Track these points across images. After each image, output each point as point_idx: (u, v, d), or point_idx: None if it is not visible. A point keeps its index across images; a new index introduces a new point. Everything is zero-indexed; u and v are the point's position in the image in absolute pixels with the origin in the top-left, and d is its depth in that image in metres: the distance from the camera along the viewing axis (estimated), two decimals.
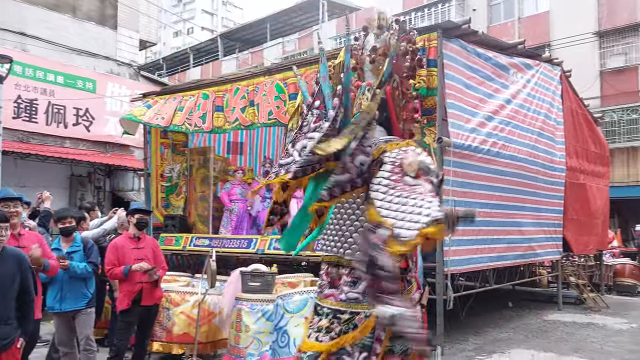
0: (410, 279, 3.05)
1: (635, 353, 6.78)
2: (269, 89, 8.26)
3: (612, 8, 20.97)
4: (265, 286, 5.99)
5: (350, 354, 2.83)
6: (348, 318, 2.88)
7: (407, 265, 3.01)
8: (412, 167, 2.77)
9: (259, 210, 9.90)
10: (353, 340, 2.83)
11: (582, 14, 21.23)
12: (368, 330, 2.82)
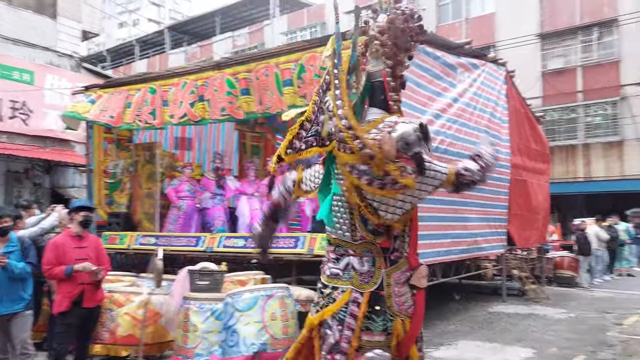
0: (395, 258, 3.12)
1: (572, 341, 7.09)
2: (220, 84, 8.09)
3: (553, 11, 21.86)
4: (214, 285, 5.86)
5: (330, 326, 3.01)
6: (329, 292, 3.09)
7: (390, 245, 3.10)
8: (392, 152, 2.83)
9: (208, 207, 9.71)
10: (331, 313, 3.02)
11: (526, 16, 22.03)
12: (341, 305, 2.99)
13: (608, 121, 20.86)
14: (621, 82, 20.49)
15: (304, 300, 5.94)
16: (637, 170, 20.08)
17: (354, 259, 3.08)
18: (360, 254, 3.07)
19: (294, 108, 7.80)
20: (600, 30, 21.04)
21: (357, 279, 3.05)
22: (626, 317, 8.73)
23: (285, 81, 7.62)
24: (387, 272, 3.07)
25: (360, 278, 3.04)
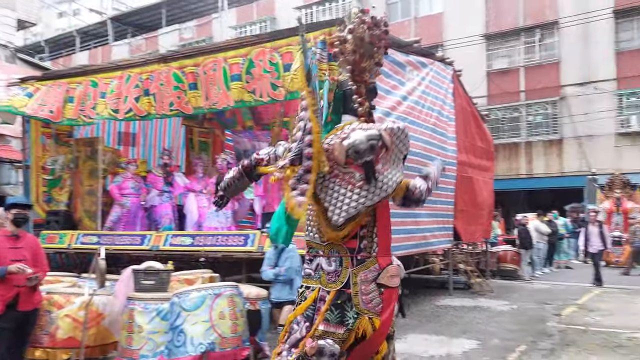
0: (362, 258, 3.21)
1: (514, 332, 7.34)
2: (166, 78, 7.87)
3: (498, 12, 22.56)
4: (160, 284, 5.69)
5: (298, 322, 3.19)
6: (302, 292, 3.28)
7: (356, 245, 3.21)
8: (341, 156, 3.00)
9: (155, 204, 9.46)
10: (302, 310, 3.19)
11: (472, 16, 22.65)
12: (309, 303, 3.17)
13: (548, 120, 21.76)
14: (561, 83, 21.41)
15: (253, 299, 5.86)
16: (575, 168, 21.06)
17: (322, 260, 3.22)
18: (328, 254, 3.21)
19: (242, 104, 7.70)
20: (542, 32, 21.90)
21: (325, 278, 3.19)
22: (564, 308, 9.12)
23: (234, 76, 7.49)
24: (353, 272, 3.17)
25: (328, 277, 3.18)
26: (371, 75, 3.35)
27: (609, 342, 6.68)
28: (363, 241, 3.23)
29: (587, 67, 20.78)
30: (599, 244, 12.42)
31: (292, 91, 7.20)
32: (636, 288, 11.60)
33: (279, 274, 5.90)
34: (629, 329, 7.41)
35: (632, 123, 20.17)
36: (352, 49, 3.25)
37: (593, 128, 20.54)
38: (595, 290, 11.27)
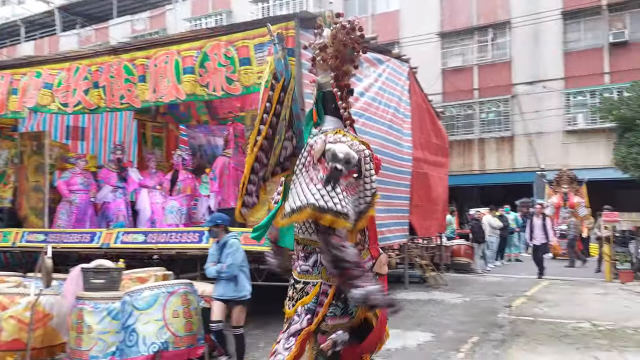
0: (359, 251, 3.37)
1: (467, 324, 7.52)
2: (117, 70, 7.63)
3: (452, 11, 23.01)
4: (111, 283, 5.53)
5: (299, 315, 3.29)
6: (301, 287, 3.34)
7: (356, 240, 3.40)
8: (317, 153, 3.14)
9: (109, 200, 9.17)
10: (302, 304, 3.29)
11: (428, 15, 23.02)
12: (312, 297, 3.28)
13: (500, 117, 22.39)
14: (512, 81, 22.06)
15: (208, 296, 5.78)
16: (525, 164, 21.77)
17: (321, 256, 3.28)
18: None
19: (195, 98, 7.56)
20: (494, 32, 22.48)
21: (326, 273, 3.28)
22: (514, 300, 9.42)
23: (186, 69, 7.34)
24: None
25: (328, 272, 3.26)
26: (348, 78, 3.45)
27: (556, 332, 6.94)
28: (358, 235, 3.39)
29: (537, 67, 21.49)
30: (542, 237, 12.64)
31: (248, 86, 7.11)
32: (580, 279, 12.10)
33: (221, 271, 5.57)
34: (574, 319, 7.72)
35: (579, 121, 21.00)
36: (334, 54, 3.34)
37: (542, 126, 21.28)
38: (543, 282, 11.69)
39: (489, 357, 5.80)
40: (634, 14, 20.14)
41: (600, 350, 6.02)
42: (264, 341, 6.57)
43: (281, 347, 3.32)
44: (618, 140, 14.73)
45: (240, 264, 5.68)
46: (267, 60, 6.93)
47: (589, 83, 20.57)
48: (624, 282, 11.32)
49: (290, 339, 3.29)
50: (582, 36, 21.11)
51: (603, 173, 18.72)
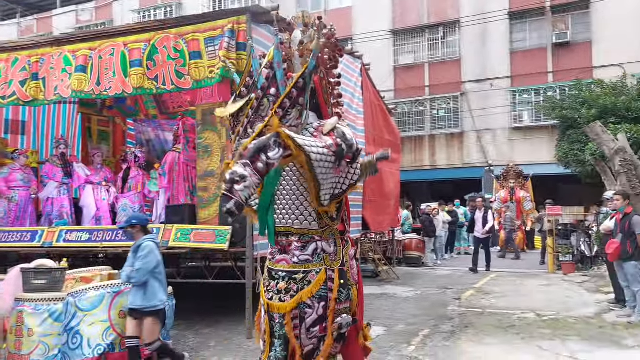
0: (347, 239, 3.78)
1: (418, 317, 7.65)
2: (57, 61, 7.30)
3: (404, 9, 23.33)
4: (53, 283, 5.32)
5: (310, 306, 3.46)
6: (302, 277, 3.50)
7: (344, 227, 3.77)
8: (328, 127, 3.45)
9: (53, 197, 8.77)
10: (310, 294, 3.46)
11: (380, 12, 23.24)
12: (321, 284, 3.49)
13: (450, 114, 22.89)
14: (462, 79, 22.59)
15: None
16: (474, 159, 22.36)
17: (321, 243, 3.58)
18: (326, 238, 3.62)
19: (142, 91, 7.34)
20: (444, 30, 22.93)
21: (328, 259, 3.59)
22: (463, 292, 9.66)
23: (133, 62, 7.12)
24: (345, 251, 3.70)
25: (330, 258, 3.60)
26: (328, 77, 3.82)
27: (503, 322, 7.16)
28: (345, 224, 3.80)
29: (485, 65, 22.10)
30: (484, 230, 12.65)
31: (199, 80, 6.96)
32: (525, 271, 12.55)
33: (130, 276, 4.96)
34: (519, 309, 7.99)
35: (524, 118, 21.73)
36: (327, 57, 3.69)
37: (490, 122, 21.91)
38: (491, 274, 12.05)
39: (439, 349, 5.92)
40: (575, 16, 21.01)
41: (543, 339, 6.25)
42: (214, 340, 6.47)
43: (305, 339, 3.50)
44: (560, 137, 15.34)
45: (151, 269, 5.03)
46: (219, 55, 6.82)
47: (534, 82, 21.32)
48: (566, 273, 11.81)
49: (311, 330, 3.49)
50: (528, 36, 21.84)
51: (547, 168, 19.48)
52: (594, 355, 5.53)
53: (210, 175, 7.78)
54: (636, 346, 5.91)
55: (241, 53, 6.91)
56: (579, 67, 20.03)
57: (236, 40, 6.92)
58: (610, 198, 8.08)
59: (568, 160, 14.60)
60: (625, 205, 7.35)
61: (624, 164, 9.10)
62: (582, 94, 14.75)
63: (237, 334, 6.69)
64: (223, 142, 7.79)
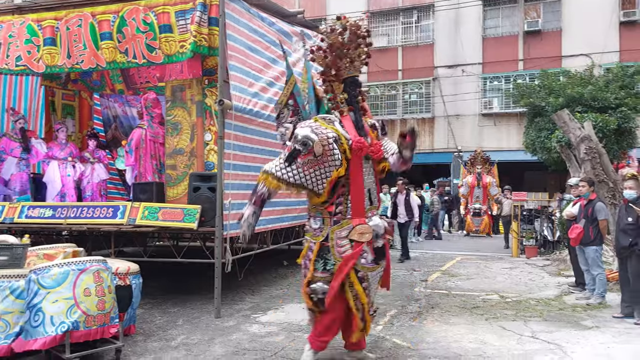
0: (337, 219, 4.49)
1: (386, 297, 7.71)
2: (19, 30, 7.00)
3: None
4: (13, 260, 5.15)
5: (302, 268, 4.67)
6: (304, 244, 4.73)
7: (332, 210, 4.50)
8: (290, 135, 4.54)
9: (13, 172, 8.49)
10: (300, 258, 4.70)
11: None
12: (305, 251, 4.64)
13: (422, 99, 23.03)
14: (434, 64, 22.70)
15: (123, 274, 5.52)
16: (444, 144, 22.61)
17: (311, 220, 4.64)
18: (314, 215, 4.62)
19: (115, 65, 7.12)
20: (418, 14, 22.94)
21: (312, 233, 4.58)
22: (430, 274, 9.83)
23: (104, 34, 6.88)
24: (331, 230, 4.48)
25: (314, 232, 4.57)
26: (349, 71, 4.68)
27: (467, 303, 7.31)
28: (339, 207, 4.49)
29: (457, 51, 22.24)
30: (406, 214, 11.88)
31: (171, 54, 6.80)
32: (490, 255, 12.84)
33: None
34: (484, 291, 8.18)
35: (494, 105, 22.05)
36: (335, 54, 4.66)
37: (460, 108, 22.15)
38: (457, 257, 12.28)
39: (406, 329, 6.01)
40: (547, 4, 21.29)
41: (506, 320, 6.42)
42: (182, 319, 6.42)
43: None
44: (528, 124, 15.61)
45: None
46: (190, 29, 6.65)
47: (504, 69, 21.59)
48: (529, 257, 12.13)
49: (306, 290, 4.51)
50: (500, 23, 22.05)
51: (514, 155, 19.86)
52: (554, 336, 5.71)
53: (179, 153, 7.65)
54: (594, 327, 6.12)
55: (213, 28, 6.77)
56: (549, 55, 20.37)
57: (208, 14, 6.76)
58: (574, 184, 8.29)
59: (535, 147, 14.89)
60: (590, 192, 7.55)
61: (588, 151, 9.34)
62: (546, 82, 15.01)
63: (206, 312, 6.65)
64: (193, 120, 7.66)
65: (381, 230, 4.63)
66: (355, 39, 4.64)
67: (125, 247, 8.37)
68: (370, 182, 4.66)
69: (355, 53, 4.64)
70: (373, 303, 4.81)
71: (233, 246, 6.87)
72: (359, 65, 4.70)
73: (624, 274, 6.53)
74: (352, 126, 4.58)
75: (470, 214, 17.58)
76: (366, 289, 4.55)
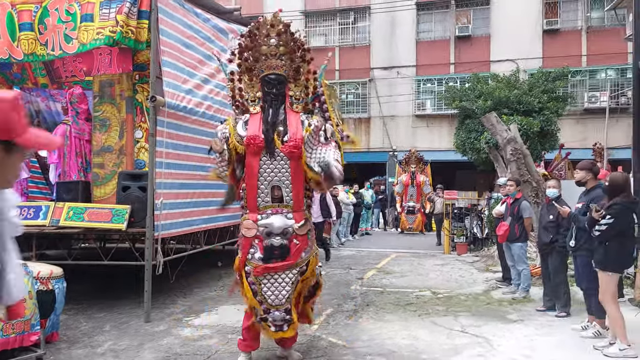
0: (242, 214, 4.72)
1: (322, 296, 7.66)
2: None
3: None
4: None
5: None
6: None
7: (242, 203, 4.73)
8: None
9: None
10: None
11: None
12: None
13: (359, 99, 23.35)
14: (371, 65, 23.06)
15: (45, 278, 5.20)
16: (380, 144, 23.03)
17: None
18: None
19: (35, 58, 6.71)
20: (355, 15, 23.23)
21: None
22: (366, 272, 9.96)
23: (24, 25, 6.49)
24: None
25: None
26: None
27: (401, 300, 7.47)
28: (242, 201, 4.72)
29: (392, 53, 22.72)
30: (320, 214, 11.40)
31: (85, 43, 6.47)
32: (423, 252, 13.20)
33: None
34: (417, 288, 8.38)
35: (427, 107, 22.70)
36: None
37: (395, 109, 22.65)
38: (392, 254, 12.53)
39: (341, 328, 6.05)
40: (477, 11, 22.17)
41: (438, 315, 6.60)
42: (109, 324, 6.14)
43: None
44: (459, 126, 16.17)
45: None
46: (116, 18, 6.34)
47: (437, 72, 22.29)
48: (459, 254, 12.57)
49: None
50: (433, 27, 22.73)
51: (445, 155, 20.52)
52: (482, 329, 5.93)
53: (107, 151, 7.33)
54: (518, 320, 6.41)
55: (142, 22, 6.52)
56: (478, 60, 21.22)
57: (138, 7, 6.51)
58: (503, 184, 8.66)
59: (465, 148, 15.44)
60: (517, 191, 7.91)
61: (514, 152, 9.79)
62: (477, 86, 15.63)
63: (135, 317, 6.40)
64: (122, 116, 7.36)
65: (275, 229, 4.47)
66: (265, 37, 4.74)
67: (48, 249, 7.93)
68: (278, 179, 4.54)
69: (267, 51, 4.68)
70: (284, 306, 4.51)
71: (164, 247, 6.65)
72: (276, 63, 4.67)
73: (545, 270, 6.88)
74: (258, 123, 4.55)
75: (405, 212, 18.01)
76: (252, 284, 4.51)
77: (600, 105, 20.28)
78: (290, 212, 4.57)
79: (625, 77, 20.08)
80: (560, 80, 15.52)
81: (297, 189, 4.59)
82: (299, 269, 4.56)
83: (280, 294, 4.49)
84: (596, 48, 20.62)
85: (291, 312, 4.52)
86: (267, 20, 4.81)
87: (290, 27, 4.84)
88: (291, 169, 4.53)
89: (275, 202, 4.55)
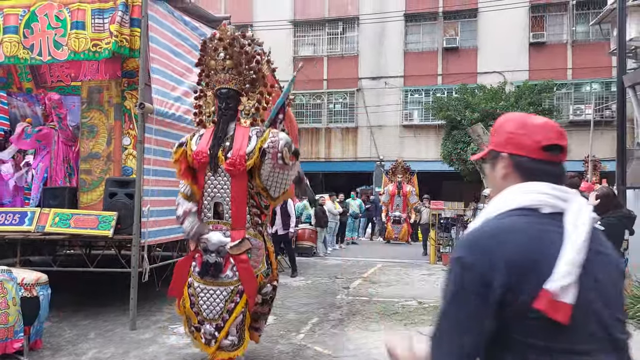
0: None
1: (308, 305, 7.78)
2: None
3: (305, 1, 23.45)
4: None
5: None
6: None
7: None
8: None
9: None
10: None
11: (282, 1, 23.15)
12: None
13: (347, 109, 23.48)
14: (358, 75, 23.23)
15: (30, 284, 5.16)
16: (367, 154, 23.15)
17: None
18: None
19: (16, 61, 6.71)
20: (344, 26, 23.41)
21: None
22: (352, 281, 9.98)
23: (8, 28, 6.48)
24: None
25: None
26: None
27: (387, 310, 7.50)
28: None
29: (380, 63, 22.92)
30: (281, 225, 10.68)
31: (78, 52, 6.47)
32: (409, 262, 13.26)
33: None
34: (403, 297, 8.42)
35: (414, 117, 22.89)
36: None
37: (382, 119, 22.81)
38: (378, 264, 12.56)
39: (327, 337, 6.06)
40: (464, 23, 22.46)
41: (424, 325, 6.63)
42: (94, 332, 6.08)
43: None
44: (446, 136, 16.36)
45: None
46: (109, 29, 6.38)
47: (424, 83, 22.51)
48: (445, 264, 12.63)
49: None
50: (421, 39, 22.99)
51: (432, 165, 20.70)
52: None
53: (95, 157, 7.30)
54: None
55: (135, 30, 6.53)
56: (465, 71, 21.48)
57: (130, 15, 6.52)
58: (488, 195, 8.75)
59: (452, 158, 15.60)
60: None
61: None
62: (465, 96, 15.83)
63: (120, 324, 6.35)
64: (110, 123, 7.34)
65: (211, 246, 4.45)
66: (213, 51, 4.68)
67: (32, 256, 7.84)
68: (220, 196, 4.51)
69: (215, 65, 4.65)
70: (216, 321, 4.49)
71: (151, 254, 6.62)
72: (224, 77, 4.63)
73: None
74: (209, 138, 4.55)
75: (391, 222, 18.08)
76: (192, 295, 4.57)
77: (585, 117, 20.58)
78: (228, 230, 4.49)
79: (609, 90, 20.44)
80: (546, 92, 15.79)
81: (238, 206, 4.48)
82: (234, 287, 4.48)
83: (214, 309, 4.50)
84: (581, 62, 21.00)
85: (221, 329, 4.47)
86: (214, 33, 4.76)
87: (241, 39, 4.63)
88: (232, 185, 4.46)
89: (216, 219, 4.55)
